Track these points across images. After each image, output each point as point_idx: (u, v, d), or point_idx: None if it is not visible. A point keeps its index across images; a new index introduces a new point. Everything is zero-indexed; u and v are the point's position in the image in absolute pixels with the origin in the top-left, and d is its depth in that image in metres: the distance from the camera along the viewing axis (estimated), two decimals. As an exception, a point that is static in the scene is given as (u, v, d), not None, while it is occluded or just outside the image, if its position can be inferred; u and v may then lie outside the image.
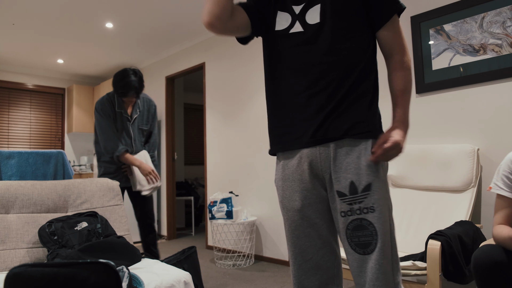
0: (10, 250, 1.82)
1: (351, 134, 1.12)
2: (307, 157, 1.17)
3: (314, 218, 1.17)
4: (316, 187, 1.18)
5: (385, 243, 1.05)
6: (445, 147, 2.36)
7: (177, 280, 1.61)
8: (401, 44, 1.19)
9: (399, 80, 1.16)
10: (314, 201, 1.18)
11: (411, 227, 2.32)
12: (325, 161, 1.15)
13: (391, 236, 1.08)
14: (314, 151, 1.16)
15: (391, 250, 1.07)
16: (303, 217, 1.18)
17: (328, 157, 1.14)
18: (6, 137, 5.57)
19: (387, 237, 1.06)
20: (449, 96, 2.50)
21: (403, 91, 1.15)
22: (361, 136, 1.12)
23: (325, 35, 1.15)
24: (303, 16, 1.19)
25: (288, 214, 1.21)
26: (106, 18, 3.99)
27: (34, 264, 0.83)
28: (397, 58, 1.18)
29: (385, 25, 1.18)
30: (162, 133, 5.22)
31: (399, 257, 1.11)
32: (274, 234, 3.62)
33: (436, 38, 2.57)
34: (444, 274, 1.77)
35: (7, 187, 1.94)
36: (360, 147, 1.12)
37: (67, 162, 2.39)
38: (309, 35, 1.17)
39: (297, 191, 1.19)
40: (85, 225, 1.94)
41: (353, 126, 1.12)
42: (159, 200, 5.23)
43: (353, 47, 1.14)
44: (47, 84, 6.01)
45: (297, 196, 1.19)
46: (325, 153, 1.15)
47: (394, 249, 1.09)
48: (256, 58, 3.89)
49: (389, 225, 1.08)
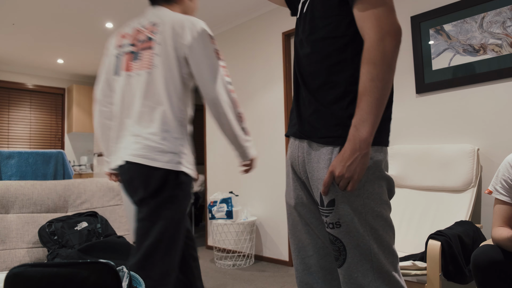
0: (10, 250, 1.83)
1: (315, 137, 1.00)
2: (289, 149, 1.13)
3: (309, 218, 1.10)
4: (304, 188, 1.11)
5: (355, 257, 0.95)
6: (445, 147, 2.36)
7: (177, 280, 1.60)
8: (372, 28, 0.90)
9: (361, 78, 0.91)
10: (306, 202, 1.11)
11: (411, 227, 2.32)
12: (301, 161, 1.07)
13: (369, 248, 0.95)
14: (294, 145, 1.10)
15: (372, 263, 0.95)
16: (299, 215, 1.13)
17: (303, 157, 1.06)
18: (6, 137, 5.57)
19: (359, 251, 0.95)
20: (449, 96, 2.50)
21: (362, 93, 0.90)
22: (327, 141, 0.97)
23: (304, 26, 1.07)
24: (301, 3, 1.13)
25: (288, 209, 1.16)
26: (106, 18, 3.99)
27: (34, 264, 0.83)
28: (365, 47, 0.91)
29: (356, 3, 0.94)
30: (162, 133, 5.21)
31: (393, 266, 0.98)
32: (274, 234, 3.62)
33: (436, 38, 2.57)
34: (444, 274, 1.77)
35: (7, 187, 1.94)
36: (327, 155, 0.97)
37: (67, 162, 2.39)
38: (300, 27, 1.10)
39: (292, 189, 1.14)
40: (85, 225, 1.94)
41: (324, 127, 0.98)
42: (159, 200, 5.23)
43: (328, 37, 1.00)
44: (47, 84, 6.01)
45: (292, 193, 1.14)
46: (301, 151, 1.06)
47: (378, 262, 0.95)
48: (256, 58, 3.90)
49: (363, 238, 0.94)
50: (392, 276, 0.96)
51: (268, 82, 3.76)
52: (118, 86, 1.46)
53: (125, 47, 1.47)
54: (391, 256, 0.98)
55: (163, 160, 1.31)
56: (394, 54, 0.89)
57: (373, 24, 0.90)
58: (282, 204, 3.56)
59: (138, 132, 1.36)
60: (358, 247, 0.95)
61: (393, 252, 0.99)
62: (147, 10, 1.50)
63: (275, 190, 3.62)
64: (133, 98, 1.40)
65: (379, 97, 0.88)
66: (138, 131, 1.36)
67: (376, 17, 0.90)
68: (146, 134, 1.34)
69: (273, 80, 3.70)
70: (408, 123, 2.69)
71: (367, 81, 0.89)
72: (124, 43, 1.49)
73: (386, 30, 0.89)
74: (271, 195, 3.66)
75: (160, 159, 1.31)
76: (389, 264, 0.97)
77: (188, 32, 1.35)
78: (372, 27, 0.90)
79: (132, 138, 1.37)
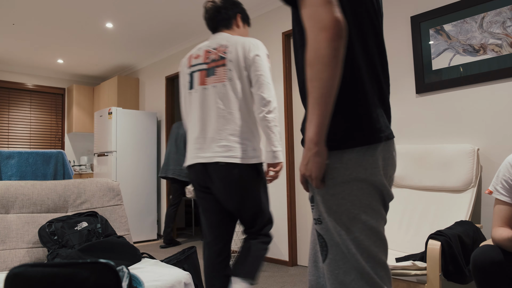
0: (10, 250, 1.83)
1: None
2: None
3: None
4: None
5: (336, 254, 0.95)
6: (445, 147, 2.36)
7: (177, 280, 1.61)
8: (308, 28, 0.88)
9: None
10: None
11: (411, 227, 2.32)
12: None
13: (348, 248, 0.94)
14: None
15: (352, 263, 0.94)
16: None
17: None
18: (6, 137, 5.57)
19: (339, 249, 0.95)
20: (449, 96, 2.51)
21: (307, 95, 0.89)
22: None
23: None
24: None
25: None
26: (106, 18, 3.99)
27: (34, 264, 0.83)
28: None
29: (299, 8, 0.93)
30: (162, 133, 5.22)
31: (374, 270, 0.94)
32: (274, 234, 3.62)
33: (436, 38, 2.57)
34: (444, 274, 1.77)
35: (7, 187, 1.94)
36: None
37: (67, 162, 2.39)
38: None
39: None
40: (85, 225, 1.94)
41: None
42: (159, 200, 5.23)
43: (303, 45, 1.02)
44: (47, 84, 6.01)
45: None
46: None
47: (357, 263, 0.93)
48: (256, 58, 3.89)
49: (341, 238, 0.94)
50: (375, 280, 0.94)
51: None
52: (194, 98, 1.79)
53: (198, 66, 1.80)
54: (372, 260, 0.94)
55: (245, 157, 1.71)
56: (330, 48, 0.85)
57: (308, 24, 0.87)
58: (282, 204, 3.56)
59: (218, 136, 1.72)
60: (338, 245, 0.95)
61: (374, 257, 0.94)
62: (211, 36, 1.85)
63: (275, 190, 3.62)
64: (211, 107, 1.73)
65: (319, 96, 0.87)
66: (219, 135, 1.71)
67: (309, 16, 0.87)
68: (226, 136, 1.69)
69: (273, 80, 3.70)
70: (408, 123, 2.69)
71: (307, 82, 0.89)
72: (196, 63, 1.82)
73: (319, 27, 0.85)
74: (271, 195, 3.66)
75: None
76: (369, 268, 0.94)
77: (253, 50, 1.71)
78: (308, 28, 0.88)
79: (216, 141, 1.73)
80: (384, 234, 0.97)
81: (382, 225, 0.97)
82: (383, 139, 0.96)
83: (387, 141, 0.99)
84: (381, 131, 0.96)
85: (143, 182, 4.97)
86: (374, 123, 0.96)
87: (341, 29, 0.85)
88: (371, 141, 0.94)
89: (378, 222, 0.96)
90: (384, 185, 0.96)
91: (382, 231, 0.97)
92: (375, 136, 0.95)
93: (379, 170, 0.96)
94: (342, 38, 0.85)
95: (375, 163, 0.95)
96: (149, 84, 5.53)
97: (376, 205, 0.96)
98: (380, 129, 0.96)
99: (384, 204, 0.99)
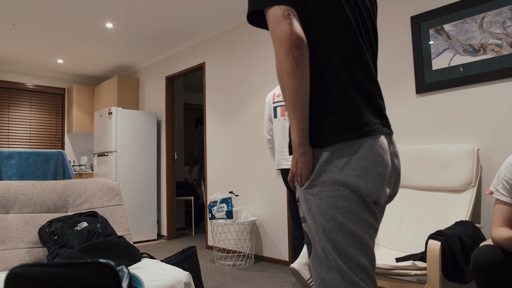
0: (10, 250, 1.83)
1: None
2: None
3: None
4: None
5: (319, 252, 0.99)
6: (445, 147, 2.36)
7: (177, 280, 1.61)
8: (273, 45, 0.95)
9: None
10: None
11: (411, 227, 2.32)
12: None
13: (326, 247, 0.97)
14: None
15: (332, 262, 0.96)
16: None
17: None
18: (6, 137, 5.58)
19: (320, 247, 0.98)
20: (449, 96, 2.51)
21: (285, 101, 0.97)
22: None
23: None
24: None
25: None
26: (106, 18, 3.99)
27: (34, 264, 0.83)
28: None
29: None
30: (162, 133, 5.22)
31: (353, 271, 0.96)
32: (274, 234, 3.62)
33: (436, 38, 2.57)
34: (444, 274, 1.77)
35: (7, 187, 1.94)
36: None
37: (67, 162, 2.39)
38: None
39: None
40: (85, 225, 1.94)
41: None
42: (159, 200, 5.23)
43: None
44: (47, 84, 6.01)
45: None
46: None
47: (336, 262, 0.96)
48: (256, 58, 3.90)
49: (319, 236, 0.97)
50: (355, 280, 0.95)
51: (268, 82, 3.76)
52: (276, 126, 2.73)
53: (280, 102, 2.73)
54: (349, 262, 0.95)
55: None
56: (289, 60, 0.91)
57: (272, 42, 0.94)
58: (282, 204, 3.56)
59: None
60: (319, 244, 1.00)
61: (352, 259, 0.95)
62: None
63: (275, 190, 3.62)
64: (287, 133, 2.62)
65: (291, 104, 0.94)
66: None
67: (271, 35, 0.95)
68: None
69: (273, 80, 3.70)
70: (408, 123, 2.69)
71: (283, 90, 0.96)
72: (278, 100, 2.76)
73: (278, 43, 0.93)
74: (271, 195, 3.66)
75: None
76: (347, 268, 0.95)
77: None
78: (273, 45, 0.95)
79: None
80: (365, 238, 0.96)
81: (364, 229, 0.96)
82: (357, 136, 0.95)
83: (367, 138, 0.97)
84: (357, 128, 0.96)
85: (143, 182, 4.97)
86: (347, 121, 0.96)
87: (297, 40, 0.91)
88: (343, 139, 0.95)
89: (357, 225, 0.95)
90: (359, 186, 0.94)
91: (362, 234, 0.96)
92: (347, 133, 0.95)
93: (354, 170, 0.95)
94: (300, 48, 0.91)
95: (350, 163, 0.95)
96: (149, 84, 5.53)
97: (354, 208, 0.95)
98: (356, 126, 0.96)
99: (368, 206, 0.97)
